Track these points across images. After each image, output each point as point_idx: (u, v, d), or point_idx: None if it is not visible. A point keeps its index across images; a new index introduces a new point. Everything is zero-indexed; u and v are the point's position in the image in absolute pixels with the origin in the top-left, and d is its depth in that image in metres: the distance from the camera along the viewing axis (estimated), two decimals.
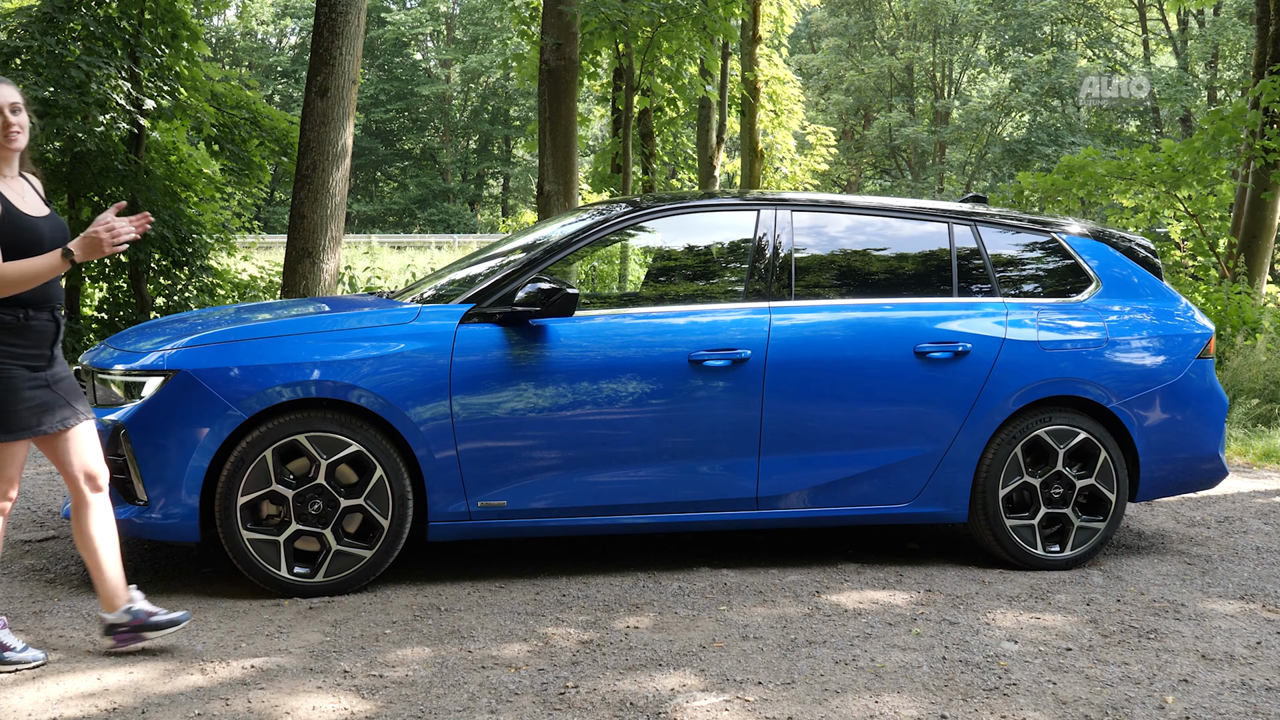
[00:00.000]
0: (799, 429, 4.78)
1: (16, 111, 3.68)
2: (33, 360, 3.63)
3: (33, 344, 3.62)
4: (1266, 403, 9.38)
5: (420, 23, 50.94)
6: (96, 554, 3.78)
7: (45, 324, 3.65)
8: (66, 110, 12.04)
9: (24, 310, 3.59)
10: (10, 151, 3.71)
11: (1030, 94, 38.44)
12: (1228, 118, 12.56)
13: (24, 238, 3.59)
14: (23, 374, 3.60)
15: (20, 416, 3.59)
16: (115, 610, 3.78)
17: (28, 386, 3.60)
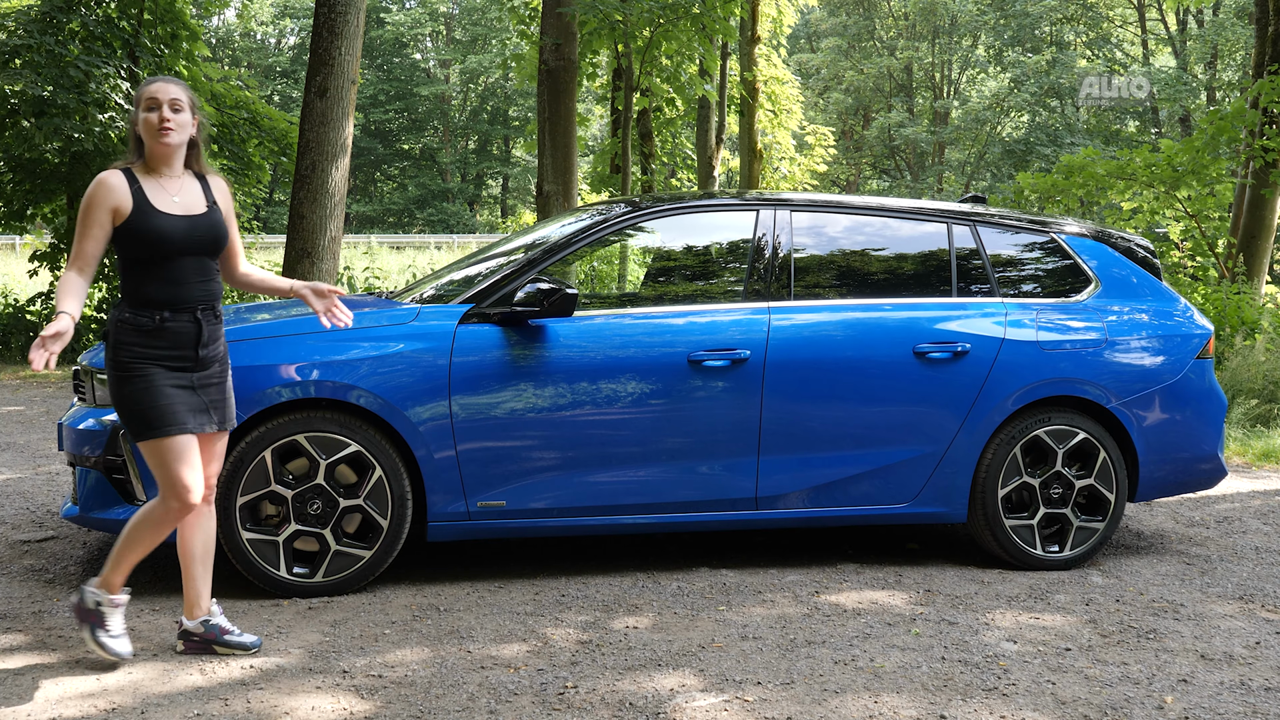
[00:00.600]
0: (798, 429, 4.78)
1: (177, 109, 3.64)
2: (173, 361, 3.62)
3: (171, 345, 3.61)
4: (1265, 403, 9.38)
5: (419, 23, 50.97)
6: (193, 564, 3.80)
7: (185, 325, 3.63)
8: (65, 110, 12.04)
9: (159, 313, 3.59)
10: (163, 147, 3.64)
11: (1029, 94, 38.46)
12: (1227, 117, 12.57)
13: (151, 236, 3.58)
14: (161, 373, 3.59)
15: (165, 413, 3.56)
16: (195, 619, 3.82)
17: (169, 385, 3.59)
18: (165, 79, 3.68)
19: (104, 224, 3.57)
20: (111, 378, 3.62)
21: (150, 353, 3.58)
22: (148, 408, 3.57)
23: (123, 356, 3.58)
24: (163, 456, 3.58)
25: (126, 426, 3.64)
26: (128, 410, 3.60)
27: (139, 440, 3.60)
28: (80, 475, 4.46)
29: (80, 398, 4.67)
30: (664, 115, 18.50)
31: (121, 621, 3.74)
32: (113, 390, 3.62)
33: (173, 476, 3.58)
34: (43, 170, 12.76)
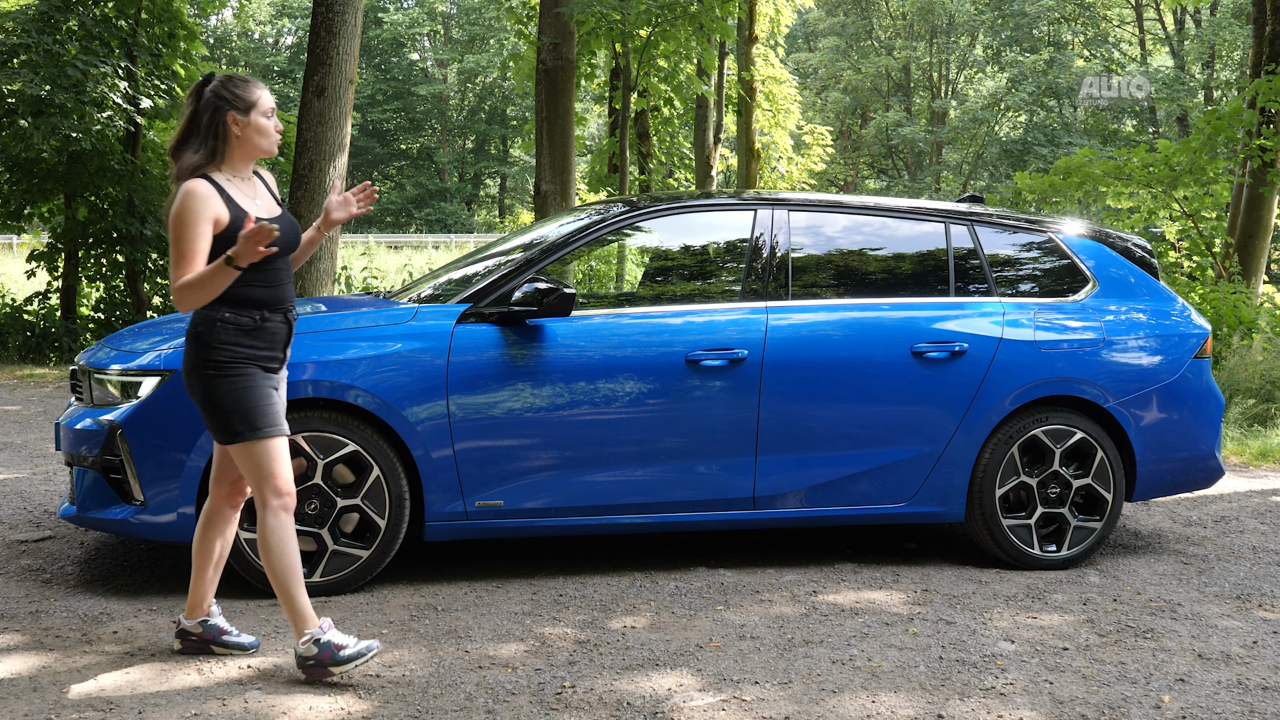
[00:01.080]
0: (796, 429, 4.79)
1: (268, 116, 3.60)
2: (267, 362, 3.58)
3: (268, 345, 3.58)
4: (1263, 402, 9.39)
5: (417, 23, 50.95)
6: (205, 566, 3.77)
7: (279, 325, 3.60)
8: (63, 109, 12.03)
9: (260, 312, 3.55)
10: (267, 154, 3.62)
11: (1027, 94, 38.47)
12: (1224, 117, 12.57)
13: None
14: (260, 373, 3.56)
15: (263, 413, 3.53)
16: (194, 619, 3.79)
17: (266, 385, 3.57)
18: (254, 81, 3.61)
19: (206, 234, 3.43)
20: (204, 377, 3.51)
21: (250, 352, 3.53)
22: (250, 408, 3.50)
23: (221, 356, 3.50)
24: (263, 457, 3.52)
25: (219, 427, 3.53)
26: (227, 410, 3.50)
27: (235, 441, 3.51)
28: (77, 475, 4.46)
29: (78, 398, 4.67)
30: (662, 115, 18.50)
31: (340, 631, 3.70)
32: (208, 391, 3.51)
33: (275, 475, 3.53)
34: (40, 170, 12.76)
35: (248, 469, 3.55)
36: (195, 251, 3.41)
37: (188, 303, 3.42)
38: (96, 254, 13.37)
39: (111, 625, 4.05)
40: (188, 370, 3.57)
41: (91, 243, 13.21)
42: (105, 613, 4.18)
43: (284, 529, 3.55)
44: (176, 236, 3.43)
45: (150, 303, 13.43)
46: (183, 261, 3.41)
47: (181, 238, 3.42)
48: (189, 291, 3.39)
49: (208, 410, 3.55)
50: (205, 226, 3.43)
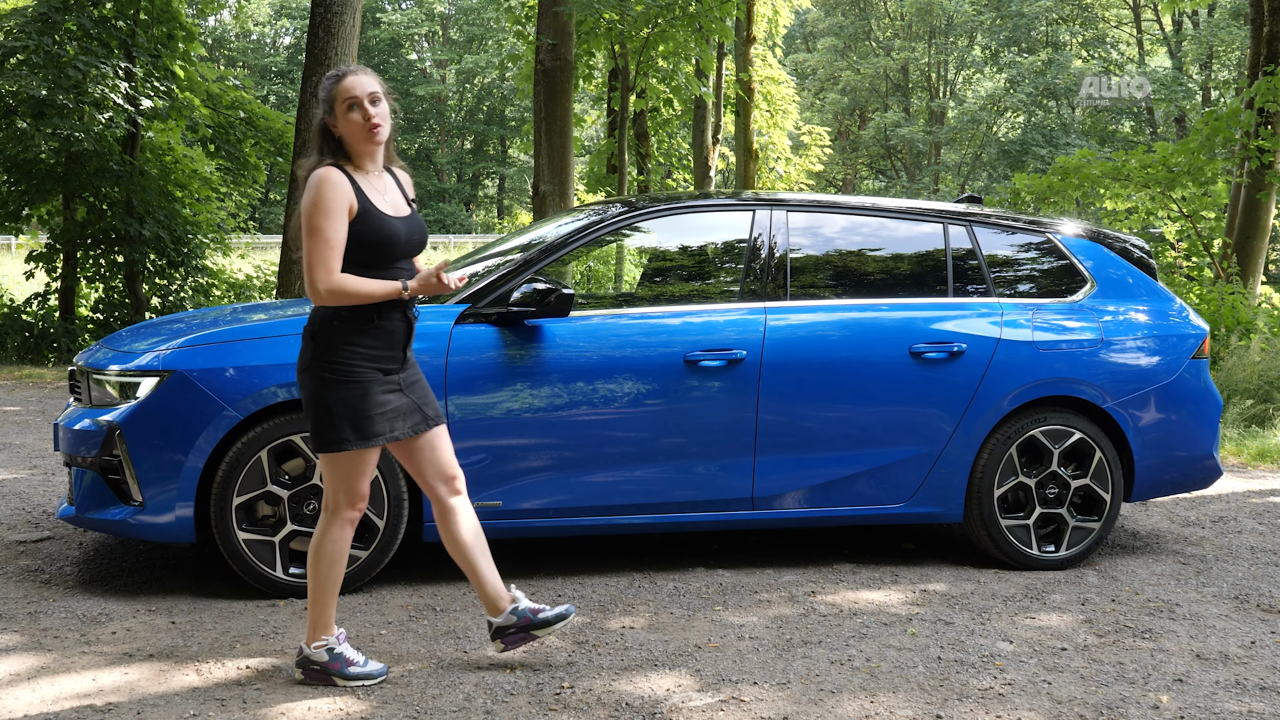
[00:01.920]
0: (794, 429, 4.79)
1: (376, 102, 3.46)
2: (385, 362, 3.48)
3: (385, 345, 3.48)
4: (1261, 403, 9.40)
5: (416, 23, 50.96)
6: (471, 558, 3.66)
7: (397, 324, 3.49)
8: (62, 110, 12.02)
9: (375, 311, 3.44)
10: (373, 146, 3.49)
11: (1025, 94, 38.49)
12: (1222, 118, 12.59)
13: (380, 239, 3.44)
14: (376, 376, 3.46)
15: (374, 421, 3.43)
16: (501, 613, 3.68)
17: (381, 390, 3.46)
18: (355, 70, 3.48)
19: (345, 224, 3.36)
20: (318, 379, 3.42)
21: (367, 353, 3.44)
22: (363, 416, 3.42)
23: (339, 357, 3.41)
24: (354, 465, 3.47)
25: (324, 432, 3.43)
26: (337, 414, 3.41)
27: (344, 447, 3.43)
28: (76, 476, 4.46)
29: (76, 398, 4.67)
30: (660, 115, 18.51)
31: (353, 649, 3.61)
32: (319, 392, 3.43)
33: (355, 487, 3.49)
34: (39, 171, 12.75)
35: (334, 476, 3.49)
36: (338, 240, 3.34)
37: (336, 302, 3.37)
38: (95, 254, 13.36)
39: (110, 626, 4.05)
40: (302, 369, 3.48)
41: (90, 243, 13.21)
42: (104, 613, 4.17)
43: (344, 541, 3.54)
44: (315, 226, 3.34)
45: (149, 303, 13.43)
46: (328, 252, 3.33)
47: (322, 226, 3.33)
48: (345, 295, 3.36)
49: (317, 413, 3.45)
50: (343, 215, 3.36)
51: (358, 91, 3.42)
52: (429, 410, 3.61)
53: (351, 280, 3.36)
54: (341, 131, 3.45)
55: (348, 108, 3.43)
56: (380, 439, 3.46)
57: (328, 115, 3.46)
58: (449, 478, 3.67)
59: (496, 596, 3.68)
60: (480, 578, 3.67)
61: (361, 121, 3.43)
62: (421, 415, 3.58)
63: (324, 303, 3.38)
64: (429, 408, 3.62)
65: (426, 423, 3.59)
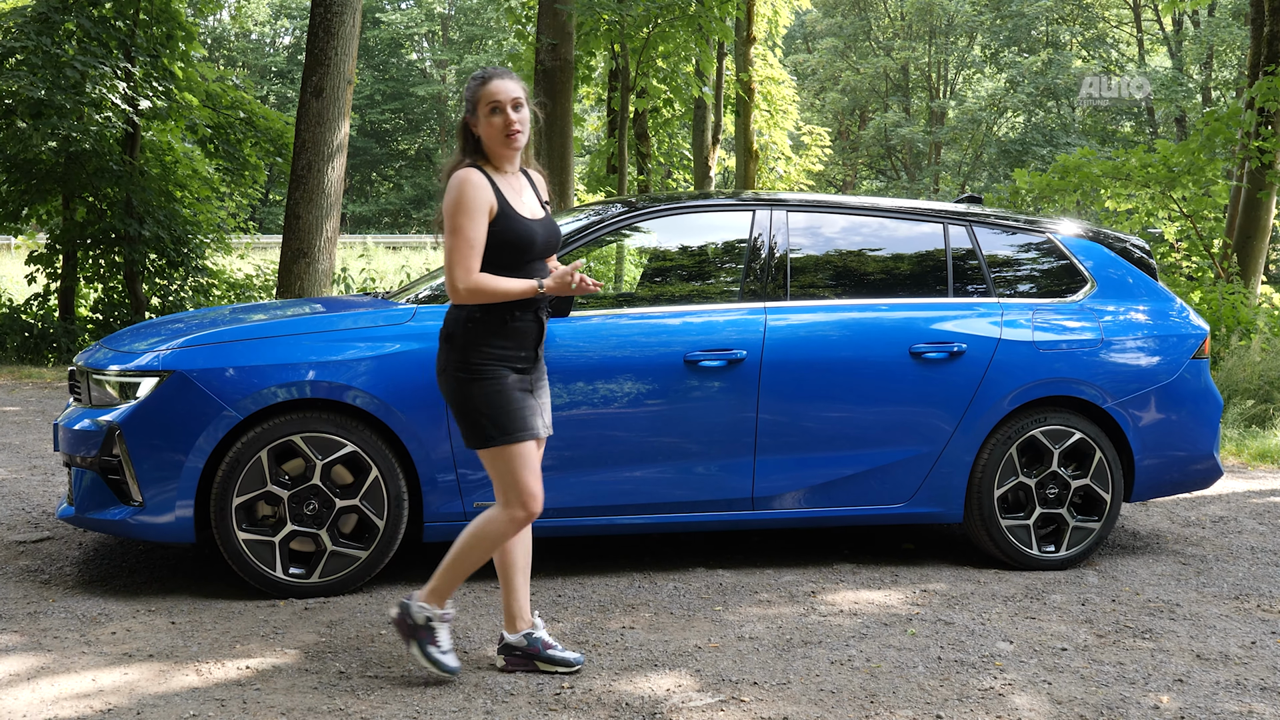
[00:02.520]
0: (794, 429, 4.79)
1: (518, 108, 3.51)
2: (517, 362, 3.55)
3: (517, 345, 3.54)
4: (1261, 403, 9.40)
5: (416, 23, 50.94)
6: (512, 573, 3.69)
7: (529, 324, 3.56)
8: (61, 110, 12.02)
9: (509, 313, 3.51)
10: (512, 150, 3.54)
11: (1025, 95, 38.48)
12: (1222, 118, 12.58)
13: (517, 239, 3.50)
14: (512, 376, 3.52)
15: (516, 416, 3.49)
16: (516, 633, 3.69)
17: (516, 388, 3.53)
18: (501, 74, 3.54)
19: (485, 224, 3.45)
20: (457, 379, 3.49)
21: (500, 353, 3.50)
22: (502, 412, 3.47)
23: (474, 358, 3.47)
24: (512, 462, 3.49)
25: (470, 430, 3.51)
26: (478, 413, 3.48)
27: (486, 445, 3.48)
28: (76, 476, 4.46)
29: (76, 398, 4.67)
30: (660, 116, 18.51)
31: (449, 636, 3.63)
32: (459, 391, 3.50)
33: (522, 483, 3.50)
34: (38, 171, 12.75)
35: (496, 473, 3.52)
36: (478, 240, 3.42)
37: (474, 300, 3.43)
38: (95, 255, 13.35)
39: (110, 626, 4.05)
40: (440, 371, 3.55)
41: (90, 243, 13.20)
42: (104, 614, 4.17)
43: (504, 537, 3.56)
44: (456, 225, 3.41)
45: (148, 303, 13.42)
46: (468, 251, 3.40)
47: (463, 226, 3.41)
48: (483, 293, 3.42)
49: (460, 413, 3.52)
50: (483, 215, 3.44)
51: (501, 96, 3.49)
52: (546, 417, 3.68)
53: (489, 279, 3.43)
54: (481, 133, 3.53)
55: (490, 110, 3.50)
56: (526, 434, 3.50)
57: (469, 115, 3.55)
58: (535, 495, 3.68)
59: (519, 615, 3.70)
60: (513, 593, 3.70)
61: (502, 126, 3.50)
62: (541, 420, 3.61)
63: (463, 301, 3.45)
64: (546, 415, 3.68)
65: (544, 429, 3.64)
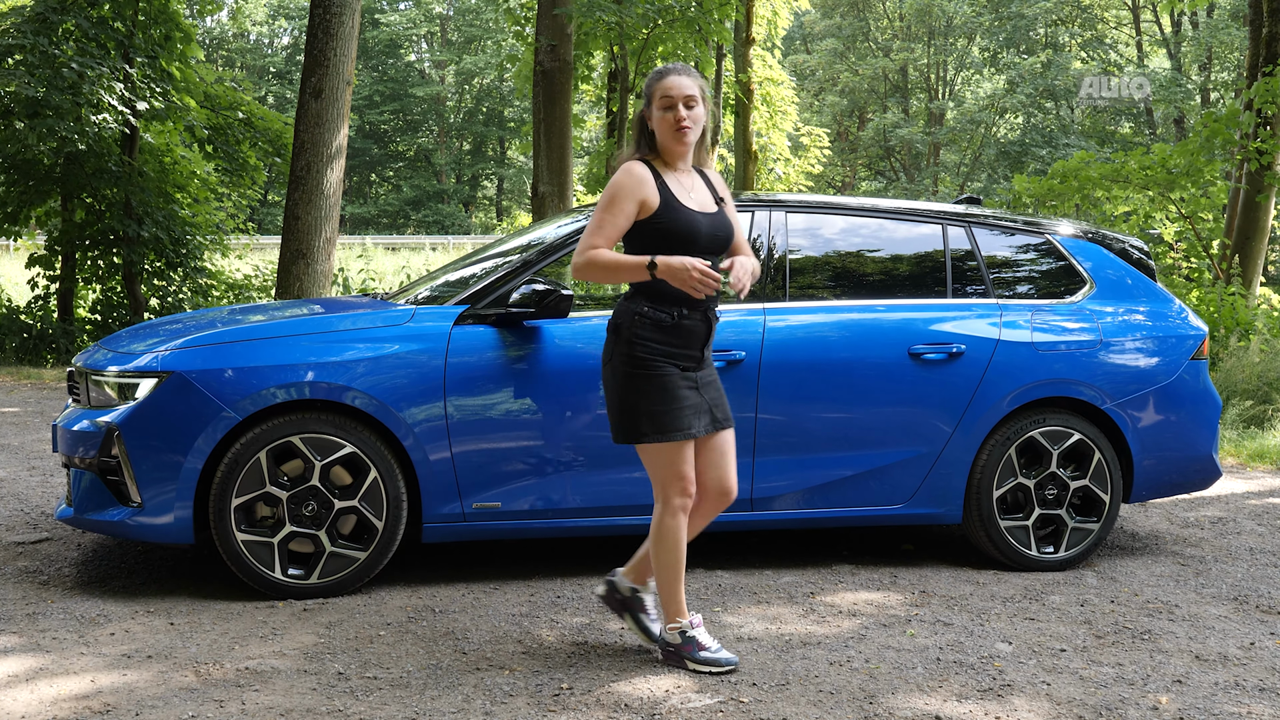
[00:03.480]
0: (793, 430, 4.78)
1: (691, 106, 3.58)
2: (683, 360, 3.59)
3: (683, 344, 3.58)
4: (1259, 404, 9.40)
5: (414, 24, 50.93)
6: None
7: (697, 324, 3.59)
8: (59, 111, 12.02)
9: (678, 309, 3.56)
10: (681, 146, 3.62)
11: (1025, 95, 38.49)
12: (1221, 120, 12.59)
13: (680, 232, 3.55)
14: (676, 373, 3.56)
15: (673, 416, 3.54)
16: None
17: (681, 386, 3.56)
18: (678, 70, 3.61)
19: (629, 213, 3.54)
20: (623, 373, 3.55)
21: (666, 350, 3.55)
22: (663, 410, 3.52)
23: (640, 353, 3.53)
24: (670, 456, 3.57)
25: (626, 423, 3.56)
26: (636, 409, 3.54)
27: (638, 441, 3.55)
28: (75, 477, 4.46)
29: (75, 399, 4.67)
30: None
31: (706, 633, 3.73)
32: (622, 385, 3.56)
33: (679, 473, 3.59)
34: (36, 172, 12.75)
35: (652, 468, 3.59)
36: (613, 227, 3.54)
37: (585, 277, 3.55)
38: (93, 256, 13.36)
39: (109, 627, 4.04)
40: (605, 361, 3.64)
41: (89, 244, 13.20)
42: (103, 614, 4.17)
43: (680, 529, 3.63)
44: (601, 206, 3.56)
45: (147, 304, 13.42)
46: (597, 233, 3.53)
47: (606, 209, 3.54)
48: (595, 270, 3.53)
49: (618, 405, 3.59)
50: (630, 205, 3.53)
51: (674, 93, 3.57)
52: (718, 413, 3.69)
53: (600, 253, 3.52)
54: (655, 127, 3.61)
55: (663, 106, 3.58)
56: (680, 434, 3.56)
57: (646, 109, 3.64)
58: (723, 491, 3.74)
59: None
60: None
61: (673, 121, 3.57)
62: (711, 417, 3.66)
63: (574, 276, 3.59)
64: (719, 410, 3.69)
65: (715, 424, 3.67)
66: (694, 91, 3.58)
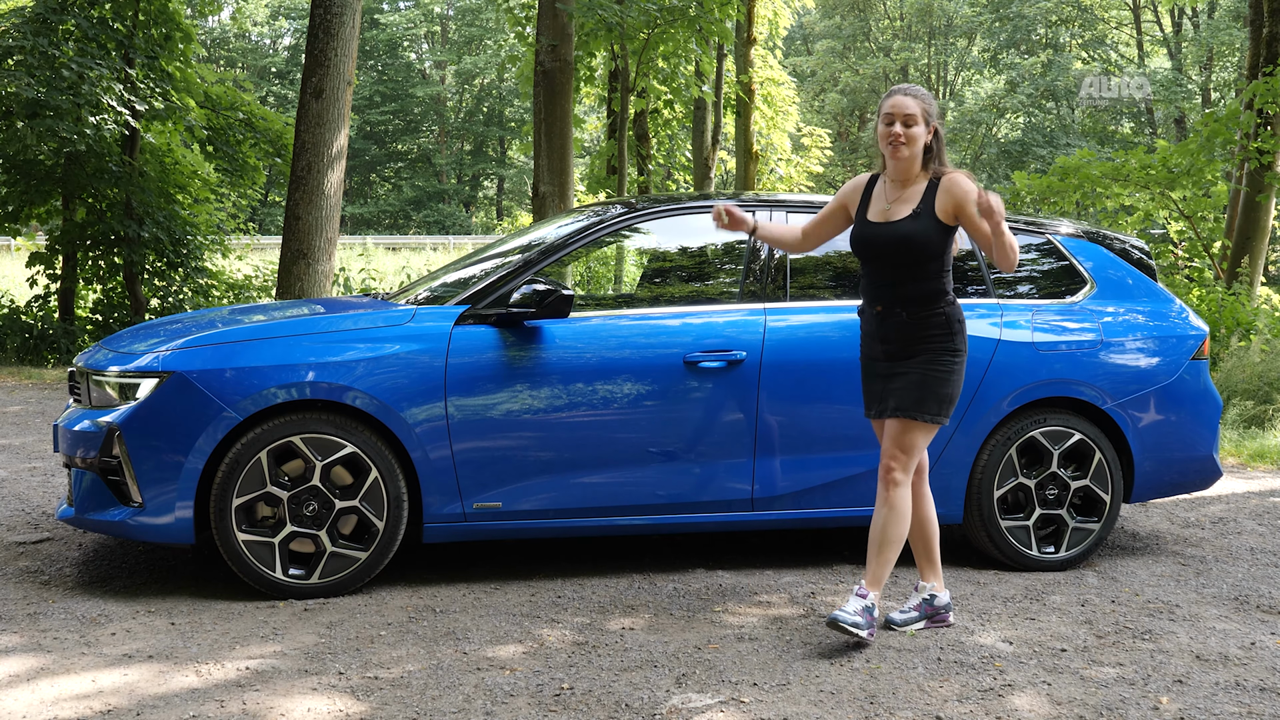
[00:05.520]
0: (794, 430, 4.79)
1: (910, 124, 3.96)
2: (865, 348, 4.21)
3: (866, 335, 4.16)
4: (1260, 404, 9.40)
5: (415, 24, 50.93)
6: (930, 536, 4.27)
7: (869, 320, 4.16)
8: (59, 111, 12.02)
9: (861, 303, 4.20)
10: (892, 160, 4.01)
11: (1025, 96, 38.49)
12: (1221, 119, 12.59)
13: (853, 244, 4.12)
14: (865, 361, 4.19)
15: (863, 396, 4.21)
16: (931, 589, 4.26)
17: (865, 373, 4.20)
18: (904, 90, 4.02)
19: (834, 211, 4.23)
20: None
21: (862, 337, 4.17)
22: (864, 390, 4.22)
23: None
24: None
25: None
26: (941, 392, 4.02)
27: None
28: (76, 477, 4.46)
29: (76, 399, 4.67)
30: (661, 117, 18.51)
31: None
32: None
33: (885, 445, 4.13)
34: (37, 172, 12.75)
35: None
36: (820, 214, 4.29)
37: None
38: (94, 256, 13.36)
39: (110, 627, 4.05)
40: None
41: (89, 244, 13.20)
42: (103, 614, 4.17)
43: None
44: None
45: (148, 304, 13.42)
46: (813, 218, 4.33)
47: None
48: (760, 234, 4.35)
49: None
50: (836, 203, 4.22)
51: (893, 110, 3.99)
52: (891, 401, 4.04)
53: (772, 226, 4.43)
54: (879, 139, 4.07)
55: (885, 122, 4.01)
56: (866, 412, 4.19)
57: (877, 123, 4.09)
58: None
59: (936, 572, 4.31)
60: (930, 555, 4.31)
61: (885, 135, 4.01)
62: (881, 405, 4.09)
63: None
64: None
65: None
66: (914, 111, 3.97)
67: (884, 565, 4.03)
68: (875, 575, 4.03)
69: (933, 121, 4.00)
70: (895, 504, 4.02)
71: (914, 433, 4.01)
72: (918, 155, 4.00)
